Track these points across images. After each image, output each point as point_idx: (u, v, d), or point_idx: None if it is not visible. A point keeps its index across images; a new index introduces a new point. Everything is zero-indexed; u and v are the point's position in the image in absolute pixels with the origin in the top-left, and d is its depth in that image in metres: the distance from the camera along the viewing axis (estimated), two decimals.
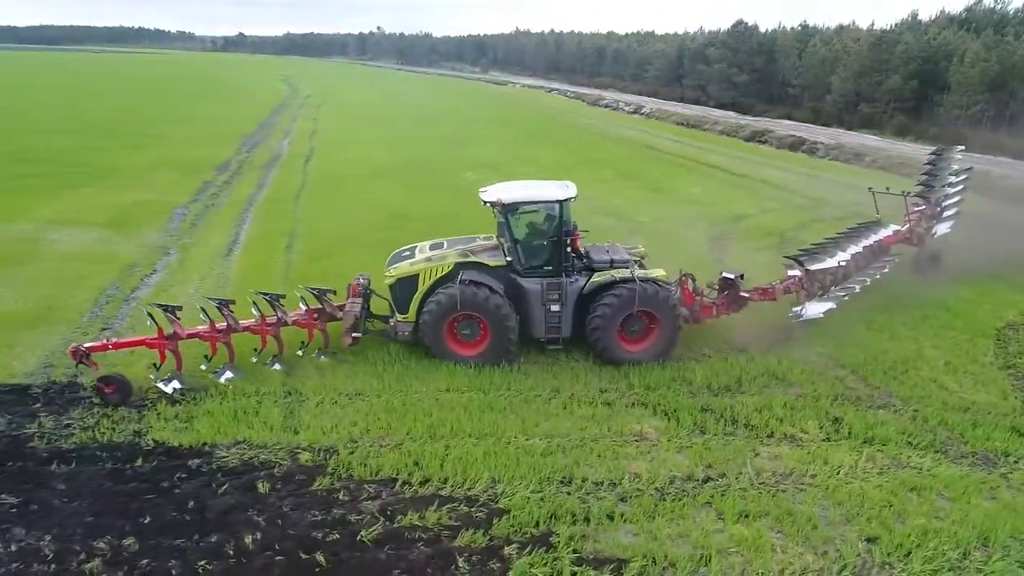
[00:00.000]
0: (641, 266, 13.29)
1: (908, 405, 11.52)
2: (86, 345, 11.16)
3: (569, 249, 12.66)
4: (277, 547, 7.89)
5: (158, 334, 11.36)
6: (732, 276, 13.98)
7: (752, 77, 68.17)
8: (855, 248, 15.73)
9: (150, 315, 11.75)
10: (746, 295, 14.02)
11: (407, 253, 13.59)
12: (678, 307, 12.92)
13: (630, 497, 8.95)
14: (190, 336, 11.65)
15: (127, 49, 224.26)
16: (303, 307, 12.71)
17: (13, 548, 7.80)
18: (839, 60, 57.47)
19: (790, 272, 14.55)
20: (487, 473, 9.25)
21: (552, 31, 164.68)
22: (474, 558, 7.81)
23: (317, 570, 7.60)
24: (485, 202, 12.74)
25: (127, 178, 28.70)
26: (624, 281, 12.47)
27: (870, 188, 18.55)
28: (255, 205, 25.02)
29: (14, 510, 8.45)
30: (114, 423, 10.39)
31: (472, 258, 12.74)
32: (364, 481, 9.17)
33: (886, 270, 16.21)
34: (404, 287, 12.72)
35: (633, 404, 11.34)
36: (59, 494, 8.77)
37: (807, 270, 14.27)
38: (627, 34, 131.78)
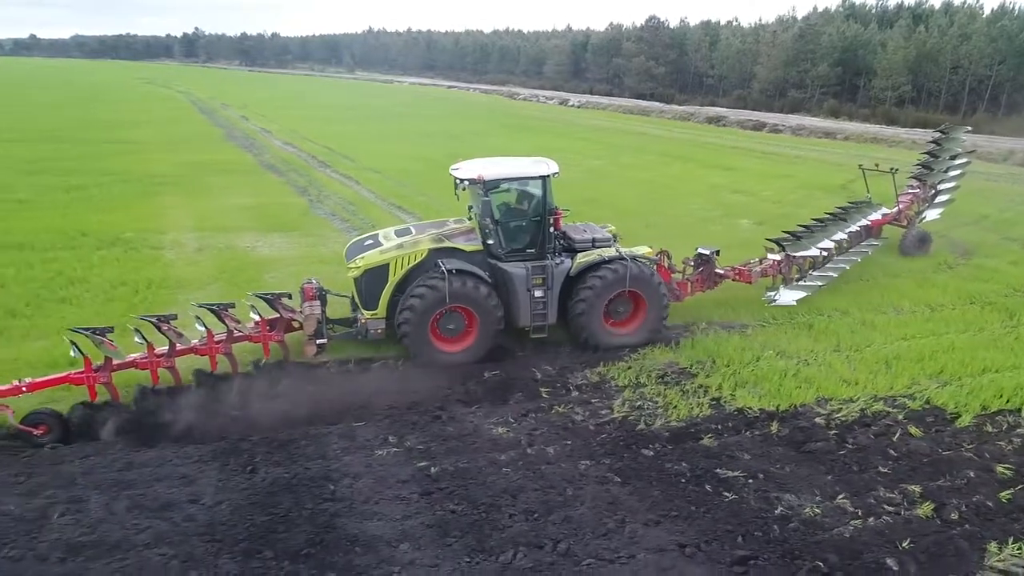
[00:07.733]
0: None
1: None
2: None
3: (552, 229, 11.85)
4: None
5: (85, 366, 9.60)
6: (707, 252, 13.65)
7: (667, 69, 72.90)
8: (841, 235, 15.65)
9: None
10: (721, 272, 13.84)
11: (370, 242, 12.17)
12: (664, 285, 12.41)
13: None
14: (121, 367, 10.00)
15: None
16: (255, 317, 11.08)
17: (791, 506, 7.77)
18: (755, 51, 63.22)
19: (770, 255, 14.31)
20: None
21: (410, 29, 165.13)
22: None
23: None
24: (460, 180, 11.58)
25: (185, 184, 26.10)
26: (611, 260, 11.87)
27: (860, 165, 18.57)
28: (375, 201, 23.80)
29: (750, 480, 8.30)
30: (668, 400, 10.31)
31: (447, 243, 11.65)
32: (984, 415, 9.87)
33: (869, 253, 16.52)
34: (372, 279, 11.34)
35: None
36: (749, 464, 8.68)
37: (788, 255, 14.16)
38: (492, 31, 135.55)
